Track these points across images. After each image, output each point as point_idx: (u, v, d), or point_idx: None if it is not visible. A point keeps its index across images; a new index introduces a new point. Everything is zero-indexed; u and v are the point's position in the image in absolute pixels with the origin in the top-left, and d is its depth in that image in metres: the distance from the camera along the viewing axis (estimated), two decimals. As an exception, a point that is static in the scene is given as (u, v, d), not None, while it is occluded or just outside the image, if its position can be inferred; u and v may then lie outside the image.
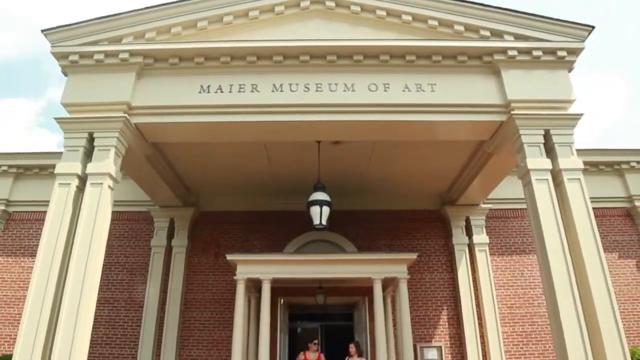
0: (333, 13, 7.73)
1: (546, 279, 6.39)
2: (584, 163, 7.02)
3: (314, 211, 7.93)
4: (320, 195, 8.00)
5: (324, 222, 7.94)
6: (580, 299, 6.10)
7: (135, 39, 7.41)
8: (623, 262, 10.81)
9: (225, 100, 7.22)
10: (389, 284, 9.05)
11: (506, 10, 7.39)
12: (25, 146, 38.77)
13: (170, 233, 10.77)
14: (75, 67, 7.37)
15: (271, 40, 7.33)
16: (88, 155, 7.01)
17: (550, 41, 7.30)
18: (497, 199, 10.97)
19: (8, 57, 38.14)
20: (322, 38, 7.33)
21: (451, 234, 10.76)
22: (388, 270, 8.52)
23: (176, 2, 7.45)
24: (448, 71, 7.38)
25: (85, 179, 6.84)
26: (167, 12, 7.46)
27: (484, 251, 10.57)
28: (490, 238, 10.78)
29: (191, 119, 7.25)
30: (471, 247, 10.65)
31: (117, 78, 7.28)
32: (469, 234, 10.76)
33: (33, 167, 11.43)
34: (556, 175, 6.81)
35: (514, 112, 7.01)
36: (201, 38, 7.52)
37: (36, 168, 11.41)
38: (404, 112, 7.20)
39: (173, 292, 10.22)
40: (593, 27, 7.19)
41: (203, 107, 7.22)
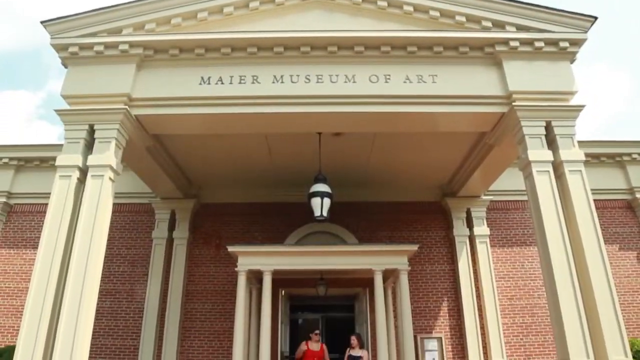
0: (334, 4, 7.69)
1: (547, 271, 6.41)
2: (586, 155, 6.99)
3: (315, 203, 7.94)
4: (321, 186, 8.00)
5: (325, 214, 7.95)
6: (580, 291, 6.12)
7: (135, 30, 7.37)
8: (623, 254, 10.83)
9: (225, 91, 7.20)
10: (390, 276, 9.08)
11: (508, 0, 7.34)
12: (25, 138, 38.76)
13: (171, 225, 10.79)
14: (75, 59, 7.34)
15: (272, 31, 7.29)
16: (89, 147, 7.01)
17: (552, 32, 7.25)
18: (498, 191, 10.97)
19: (7, 49, 38.05)
20: (323, 29, 7.29)
21: (452, 226, 10.77)
22: (389, 261, 8.54)
23: (176, -7, 7.42)
24: (449, 62, 7.35)
25: (86, 171, 6.84)
26: (167, 3, 7.41)
27: (485, 243, 10.59)
28: (491, 230, 10.79)
29: (192, 111, 7.23)
30: (472, 239, 10.67)
31: (117, 70, 7.26)
32: (470, 226, 10.76)
33: (34, 160, 11.43)
34: (557, 167, 6.80)
35: (516, 104, 6.99)
36: (201, 29, 7.48)
37: (37, 160, 11.41)
38: (405, 104, 7.18)
39: (174, 284, 10.26)
40: (596, 18, 7.14)
41: (203, 99, 7.20)
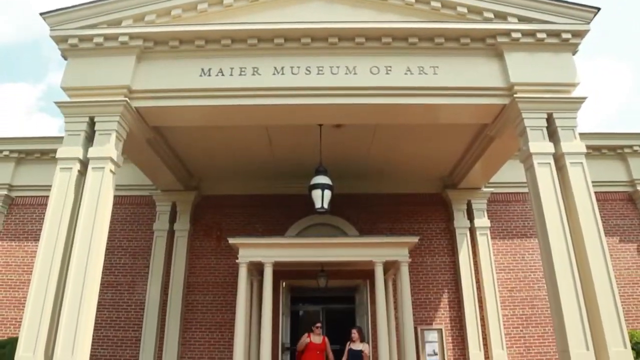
0: (335, -6, 7.64)
1: (547, 263, 6.42)
2: (587, 147, 6.98)
3: (316, 195, 7.94)
4: (321, 178, 8.00)
5: (326, 206, 7.96)
6: (580, 282, 6.13)
7: (135, 22, 7.33)
8: (624, 246, 10.84)
9: (226, 83, 7.18)
10: (390, 267, 9.10)
11: (510, -9, 7.29)
12: (26, 131, 38.69)
13: (172, 217, 10.80)
14: (74, 51, 7.31)
15: (272, 22, 7.24)
16: (89, 139, 7.01)
17: (554, 23, 7.20)
18: (499, 183, 10.95)
19: (7, 42, 37.91)
20: (324, 20, 7.24)
21: (452, 218, 10.77)
22: (389, 253, 8.56)
23: (176, -16, 7.36)
24: (451, 54, 7.31)
25: (86, 163, 6.84)
26: (167, -5, 7.37)
27: (485, 235, 10.60)
28: (491, 222, 10.79)
29: (192, 103, 7.22)
30: (472, 231, 10.67)
31: (117, 61, 7.23)
32: (471, 218, 10.76)
33: (34, 152, 11.41)
34: (558, 159, 6.79)
35: (517, 95, 6.96)
36: (201, 21, 7.43)
37: (38, 153, 11.39)
38: (406, 95, 7.16)
39: (175, 276, 10.29)
40: (599, 9, 7.09)
41: (204, 91, 7.18)
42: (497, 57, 7.30)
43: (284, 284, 10.67)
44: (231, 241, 8.62)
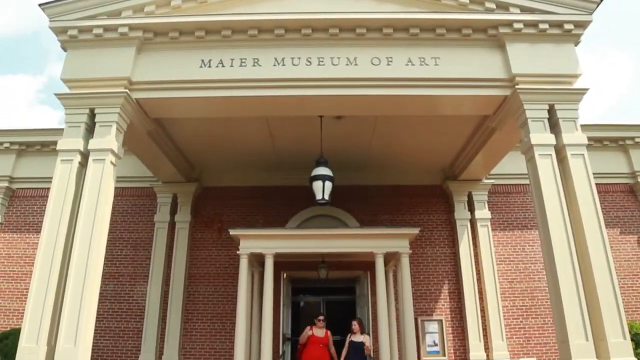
0: (335, -15, 7.58)
1: (547, 254, 6.43)
2: (588, 138, 6.97)
3: (317, 186, 7.94)
4: (322, 170, 8.00)
5: (327, 197, 7.96)
6: (580, 274, 6.14)
7: (134, 13, 7.29)
8: (624, 238, 10.85)
9: (226, 74, 7.15)
10: (391, 259, 9.12)
11: (512, -19, 7.23)
12: (27, 123, 38.65)
13: (173, 209, 10.81)
14: (74, 42, 7.28)
15: (272, 13, 7.20)
16: (90, 131, 6.99)
17: (557, 14, 7.15)
18: (500, 175, 10.95)
19: (6, 33, 37.74)
20: (324, 11, 7.19)
21: (453, 209, 10.78)
22: (390, 244, 8.57)
23: (175, -26, 7.31)
24: (452, 44, 7.27)
25: (87, 155, 6.84)
26: (167, -15, 7.32)
27: (486, 226, 10.61)
28: (492, 213, 10.80)
29: (192, 94, 7.20)
30: (473, 222, 10.68)
31: (117, 53, 7.20)
32: (471, 209, 10.77)
33: (35, 144, 11.40)
34: (560, 150, 6.78)
35: (519, 87, 6.93)
36: (201, 11, 7.39)
37: (38, 145, 11.38)
38: (407, 87, 7.13)
39: (177, 267, 10.33)
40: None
41: (204, 82, 7.16)
42: (499, 48, 7.26)
43: (285, 275, 10.70)
44: (232, 233, 8.64)
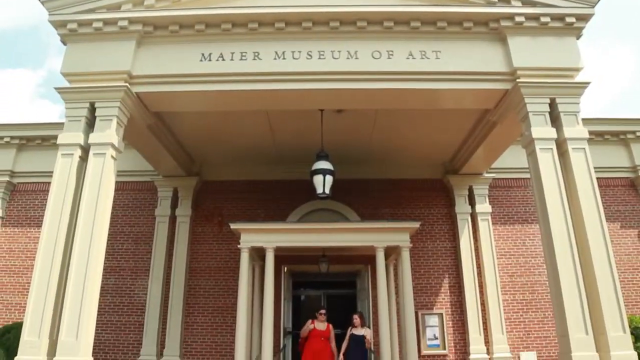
0: (336, -22, 7.53)
1: (548, 248, 6.43)
2: (589, 132, 6.96)
3: (317, 180, 7.93)
4: (323, 164, 7.99)
5: (327, 191, 7.95)
6: (581, 268, 6.15)
7: (134, 6, 7.26)
8: (625, 232, 10.85)
9: (226, 68, 7.13)
10: (392, 253, 9.13)
11: (514, -26, 7.18)
12: (27, 117, 38.55)
13: (174, 202, 10.82)
14: (74, 36, 7.25)
15: (273, 6, 7.15)
16: (90, 125, 6.99)
17: (558, 7, 7.11)
18: (501, 169, 10.93)
19: (5, 27, 37.62)
20: (325, 4, 7.14)
21: (454, 203, 10.77)
22: (390, 238, 8.58)
23: (175, -33, 7.28)
24: (453, 38, 7.24)
25: (88, 149, 6.84)
26: (166, -22, 7.28)
27: (487, 220, 10.60)
28: (492, 207, 10.79)
29: (192, 88, 7.18)
30: (473, 216, 10.68)
31: (117, 46, 7.17)
32: (472, 203, 10.76)
33: (36, 138, 11.37)
34: (561, 144, 6.77)
35: (520, 80, 6.91)
36: (202, 5, 7.35)
37: (39, 139, 11.35)
38: (408, 80, 7.11)
39: (178, 261, 10.35)
40: (603, -8, 7.00)
41: (204, 76, 7.14)
42: (500, 42, 7.23)
43: (286, 269, 10.73)
44: (233, 227, 8.65)
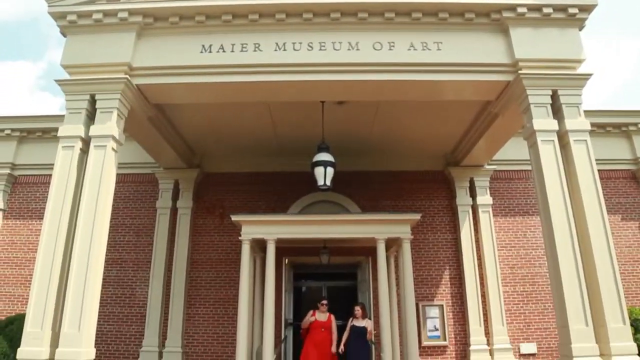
0: (337, -31, 7.47)
1: (548, 240, 6.44)
2: (591, 124, 6.93)
3: (318, 172, 7.92)
4: (324, 155, 7.97)
5: (328, 183, 7.95)
6: (581, 259, 6.16)
7: (134, -3, 7.22)
8: (626, 224, 10.85)
9: (227, 60, 7.10)
10: (393, 244, 9.15)
11: (516, -36, 7.12)
12: (27, 109, 38.50)
13: (175, 195, 10.84)
14: (74, 28, 7.22)
15: (273, -3, 7.13)
16: (90, 117, 6.98)
17: (561, -3, 7.06)
18: (502, 160, 10.92)
19: (5, 19, 37.45)
20: (326, -5, 7.11)
21: (455, 195, 10.77)
22: (391, 230, 8.59)
23: (175, -42, 7.22)
24: (455, 29, 7.19)
25: (88, 142, 6.83)
26: (166, -31, 7.23)
27: (487, 212, 10.61)
28: (493, 199, 10.79)
29: (193, 80, 7.16)
30: (474, 208, 10.67)
31: (117, 38, 7.14)
32: (473, 195, 10.76)
33: (36, 131, 11.36)
34: (562, 136, 6.75)
35: (522, 72, 6.87)
36: (202, -4, 7.31)
37: (39, 131, 11.34)
38: (410, 72, 7.08)
39: (179, 253, 10.38)
40: (606, -18, 6.94)
41: (205, 67, 7.11)
42: (502, 33, 7.18)
43: (287, 261, 10.76)
44: (234, 218, 8.66)
